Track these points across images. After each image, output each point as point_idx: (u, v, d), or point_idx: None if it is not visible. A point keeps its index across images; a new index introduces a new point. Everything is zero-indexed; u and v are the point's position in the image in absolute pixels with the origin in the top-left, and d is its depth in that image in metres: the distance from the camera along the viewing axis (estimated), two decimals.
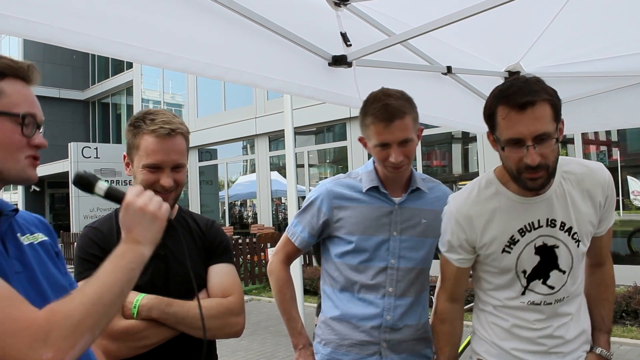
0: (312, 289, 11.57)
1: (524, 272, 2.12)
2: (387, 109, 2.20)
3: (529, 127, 1.86)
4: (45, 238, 1.58)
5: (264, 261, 13.45)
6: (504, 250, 2.11)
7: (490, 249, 2.13)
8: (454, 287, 2.29)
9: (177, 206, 2.22)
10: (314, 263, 14.42)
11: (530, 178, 1.94)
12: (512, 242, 2.10)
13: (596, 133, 11.50)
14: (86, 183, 1.59)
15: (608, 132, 11.42)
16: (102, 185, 1.59)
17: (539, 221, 2.09)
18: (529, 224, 2.10)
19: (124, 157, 2.09)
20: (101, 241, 2.00)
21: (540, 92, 1.87)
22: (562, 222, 2.09)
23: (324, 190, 2.49)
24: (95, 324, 1.28)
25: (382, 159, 2.28)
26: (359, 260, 2.40)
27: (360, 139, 2.41)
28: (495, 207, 2.11)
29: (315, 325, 2.64)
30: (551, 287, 2.12)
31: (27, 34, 1.45)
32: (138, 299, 1.90)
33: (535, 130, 1.86)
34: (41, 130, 1.45)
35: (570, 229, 2.10)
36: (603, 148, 11.97)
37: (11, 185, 1.55)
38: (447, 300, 2.32)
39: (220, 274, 1.89)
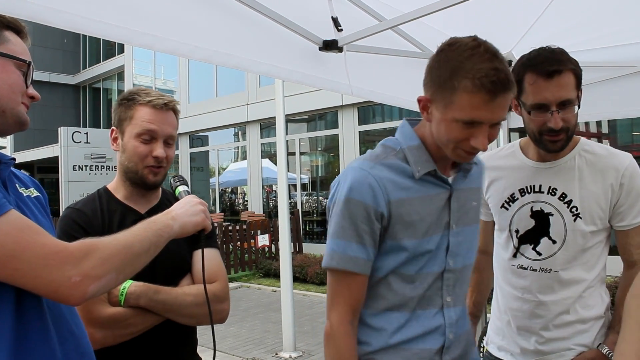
0: (301, 276, 11.61)
1: (517, 231, 2.26)
2: (499, 76, 1.56)
3: (555, 94, 2.03)
4: (39, 194, 1.64)
5: (253, 248, 13.47)
6: (502, 206, 2.29)
7: (492, 202, 2.33)
8: (483, 239, 2.36)
9: (160, 189, 2.21)
10: (304, 250, 14.45)
11: (551, 140, 2.10)
12: (512, 199, 2.27)
13: (587, 124, 11.52)
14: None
15: (598, 123, 11.45)
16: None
17: (540, 186, 2.22)
18: (530, 186, 2.24)
19: (112, 131, 2.10)
20: (85, 223, 1.99)
21: (565, 61, 2.05)
22: (563, 193, 2.18)
23: (368, 177, 1.71)
24: (121, 266, 1.40)
25: (461, 139, 1.64)
26: (417, 269, 1.76)
27: (424, 100, 1.72)
28: (505, 164, 2.31)
29: None
30: (539, 254, 2.21)
31: (10, 11, 1.41)
32: (125, 286, 1.88)
33: (560, 96, 2.03)
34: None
35: (570, 201, 2.17)
36: (593, 139, 12.01)
37: None
38: (479, 252, 2.30)
39: (205, 259, 1.87)
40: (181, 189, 1.96)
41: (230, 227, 13.51)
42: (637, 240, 2.21)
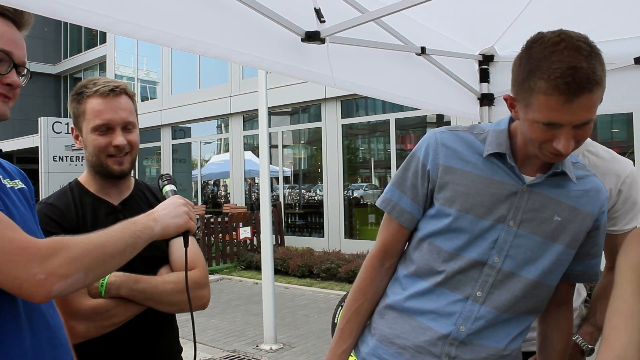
0: (283, 269, 11.61)
1: None
2: (576, 76, 1.46)
3: None
4: (24, 186, 1.60)
5: (235, 240, 13.46)
6: None
7: None
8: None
9: (133, 179, 2.18)
10: (286, 243, 14.45)
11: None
12: None
13: None
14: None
15: None
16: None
17: None
18: None
19: (72, 130, 2.07)
20: (59, 218, 1.97)
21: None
22: None
23: (431, 136, 1.83)
24: (90, 266, 1.36)
25: (543, 140, 1.59)
26: (455, 246, 1.76)
27: (509, 99, 1.66)
28: None
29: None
30: None
31: None
32: (105, 277, 1.86)
33: None
34: (24, 72, 1.50)
35: None
36: None
37: None
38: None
39: (183, 247, 1.87)
40: (168, 188, 1.92)
41: (212, 219, 13.47)
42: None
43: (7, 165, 1.62)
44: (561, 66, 1.46)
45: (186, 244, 1.79)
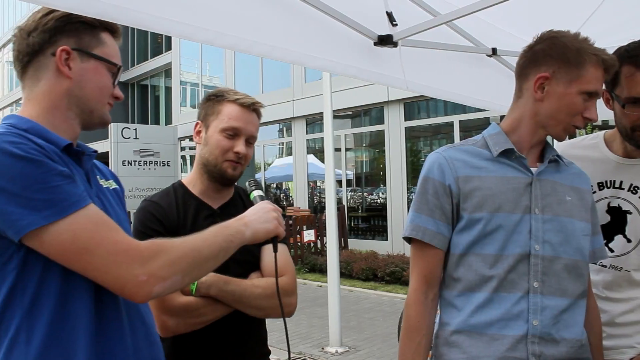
0: (347, 272, 11.62)
1: None
2: None
3: None
4: (117, 186, 1.70)
5: (299, 243, 13.55)
6: None
7: None
8: None
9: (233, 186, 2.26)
10: (350, 246, 14.45)
11: None
12: None
13: None
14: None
15: None
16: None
17: (621, 182, 2.14)
18: (610, 181, 2.16)
19: (197, 124, 2.17)
20: (161, 215, 2.07)
21: None
22: None
23: (437, 157, 1.93)
24: (187, 269, 1.43)
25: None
26: (497, 247, 1.80)
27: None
28: (586, 155, 2.19)
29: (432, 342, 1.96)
30: (611, 250, 2.13)
31: (80, 9, 1.46)
32: None
33: None
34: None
35: None
36: None
37: None
38: None
39: (272, 254, 1.89)
40: (256, 193, 1.97)
41: None
42: None
43: (101, 166, 1.71)
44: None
45: (275, 250, 1.82)
